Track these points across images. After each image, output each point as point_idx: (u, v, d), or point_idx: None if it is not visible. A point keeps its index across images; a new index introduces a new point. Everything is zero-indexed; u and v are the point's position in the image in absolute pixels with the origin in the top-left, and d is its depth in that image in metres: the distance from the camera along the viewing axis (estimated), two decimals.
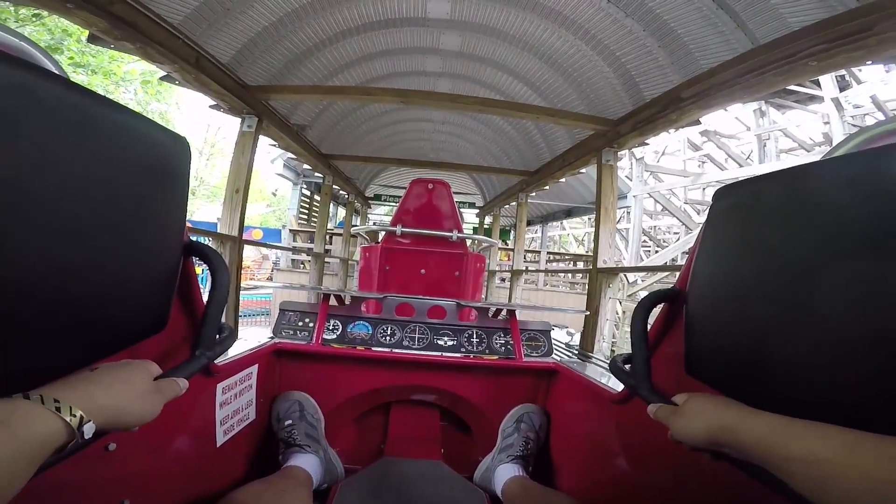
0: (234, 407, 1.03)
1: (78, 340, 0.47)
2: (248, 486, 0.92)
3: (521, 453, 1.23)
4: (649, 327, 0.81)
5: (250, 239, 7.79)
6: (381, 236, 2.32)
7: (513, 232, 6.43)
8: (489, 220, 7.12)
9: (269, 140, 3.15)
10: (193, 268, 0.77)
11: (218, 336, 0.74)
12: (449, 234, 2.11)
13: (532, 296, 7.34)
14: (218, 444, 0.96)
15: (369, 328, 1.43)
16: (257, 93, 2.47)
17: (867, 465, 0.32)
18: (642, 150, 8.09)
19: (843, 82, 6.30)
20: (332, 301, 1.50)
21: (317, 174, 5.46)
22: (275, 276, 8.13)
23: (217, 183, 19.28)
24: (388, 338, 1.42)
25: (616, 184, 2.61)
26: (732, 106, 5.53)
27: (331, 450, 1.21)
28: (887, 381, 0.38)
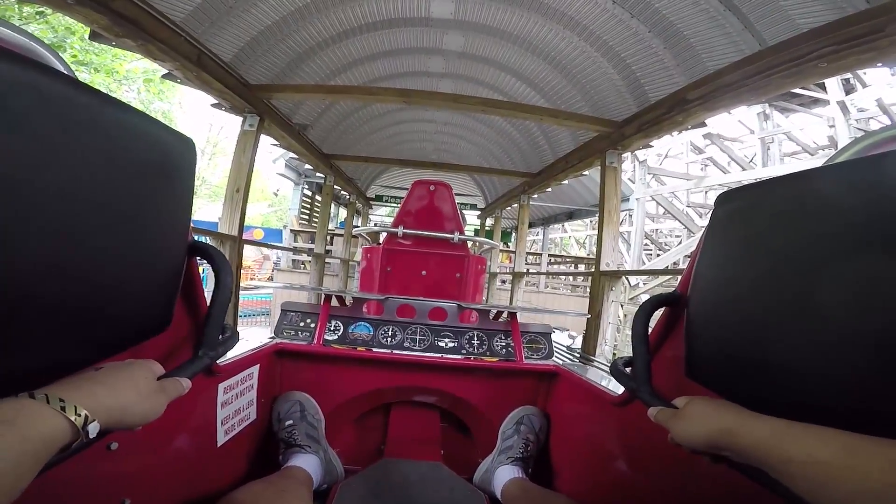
0: (235, 407, 1.04)
1: (82, 340, 0.47)
2: (249, 486, 0.92)
3: (521, 455, 1.23)
4: (650, 331, 0.81)
5: (251, 239, 7.81)
6: (382, 237, 2.32)
7: (514, 234, 6.43)
8: (490, 221, 7.12)
9: (270, 139, 3.14)
10: (197, 268, 0.78)
11: (221, 336, 0.74)
12: (450, 235, 2.11)
13: (533, 298, 7.34)
14: (219, 444, 0.96)
15: (370, 329, 1.43)
16: (259, 91, 2.46)
17: (866, 468, 0.32)
18: (645, 153, 8.07)
19: (848, 86, 6.26)
20: (334, 302, 1.50)
21: (318, 174, 5.47)
22: (275, 276, 8.14)
23: (219, 182, 19.26)
24: (388, 339, 1.42)
25: (620, 186, 2.58)
26: (737, 109, 5.51)
27: (331, 450, 1.21)
28: (886, 384, 0.38)
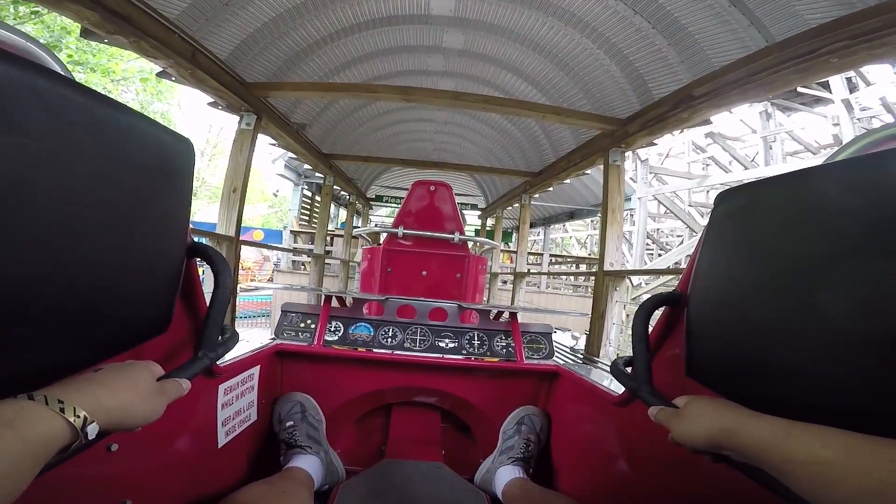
0: (236, 408, 1.03)
1: (82, 341, 0.47)
2: (250, 487, 0.92)
3: (522, 455, 1.23)
4: (650, 330, 0.81)
5: (250, 239, 7.81)
6: (382, 238, 2.32)
7: (515, 234, 6.41)
8: (491, 222, 7.11)
9: (268, 139, 3.10)
10: (196, 269, 0.77)
11: (220, 337, 0.74)
12: (451, 236, 2.11)
13: (534, 298, 7.34)
14: (219, 445, 0.96)
15: (371, 330, 1.43)
16: (256, 89, 2.43)
17: (867, 468, 0.32)
18: (646, 153, 8.06)
19: (851, 84, 6.23)
20: (334, 302, 1.50)
21: (318, 175, 5.45)
22: (275, 277, 8.13)
23: (219, 184, 19.21)
24: (389, 339, 1.42)
25: (623, 185, 2.53)
26: (740, 107, 5.49)
27: (332, 451, 1.21)
28: (887, 383, 0.38)
